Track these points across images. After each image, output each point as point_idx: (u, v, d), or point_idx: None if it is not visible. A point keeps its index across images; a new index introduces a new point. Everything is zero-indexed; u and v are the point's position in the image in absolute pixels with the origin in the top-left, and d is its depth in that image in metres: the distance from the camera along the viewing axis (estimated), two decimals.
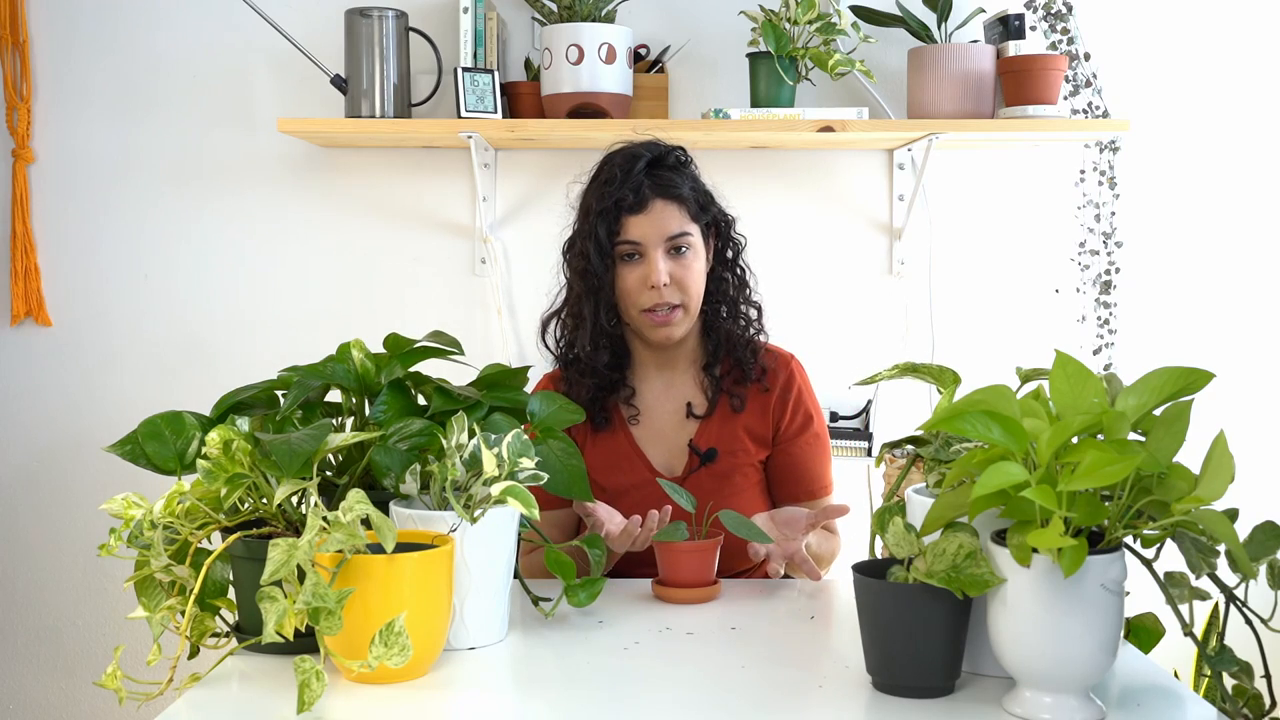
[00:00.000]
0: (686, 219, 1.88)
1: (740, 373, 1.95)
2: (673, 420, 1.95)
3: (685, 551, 1.61)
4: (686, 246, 1.88)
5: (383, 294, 2.70)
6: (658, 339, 1.90)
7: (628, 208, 1.86)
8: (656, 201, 1.87)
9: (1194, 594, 1.25)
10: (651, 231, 1.86)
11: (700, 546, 1.61)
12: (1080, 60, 2.58)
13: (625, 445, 1.93)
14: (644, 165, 1.88)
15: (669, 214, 1.87)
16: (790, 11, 2.46)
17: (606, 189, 1.87)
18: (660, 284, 1.84)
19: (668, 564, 1.62)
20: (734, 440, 1.92)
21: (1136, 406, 1.13)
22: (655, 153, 1.91)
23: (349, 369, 1.52)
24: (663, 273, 1.84)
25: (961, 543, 1.15)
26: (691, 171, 1.95)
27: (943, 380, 1.38)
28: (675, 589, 1.61)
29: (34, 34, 2.65)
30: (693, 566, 1.61)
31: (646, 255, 1.86)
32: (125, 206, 2.69)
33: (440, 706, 1.23)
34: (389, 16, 2.49)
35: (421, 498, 1.42)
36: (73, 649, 2.73)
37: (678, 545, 1.61)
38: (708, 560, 1.62)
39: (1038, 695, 1.14)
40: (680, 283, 1.87)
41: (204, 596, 1.36)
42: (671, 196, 1.88)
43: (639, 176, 1.87)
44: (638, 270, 1.87)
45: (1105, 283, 2.65)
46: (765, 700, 1.24)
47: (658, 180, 1.88)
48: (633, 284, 1.87)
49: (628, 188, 1.86)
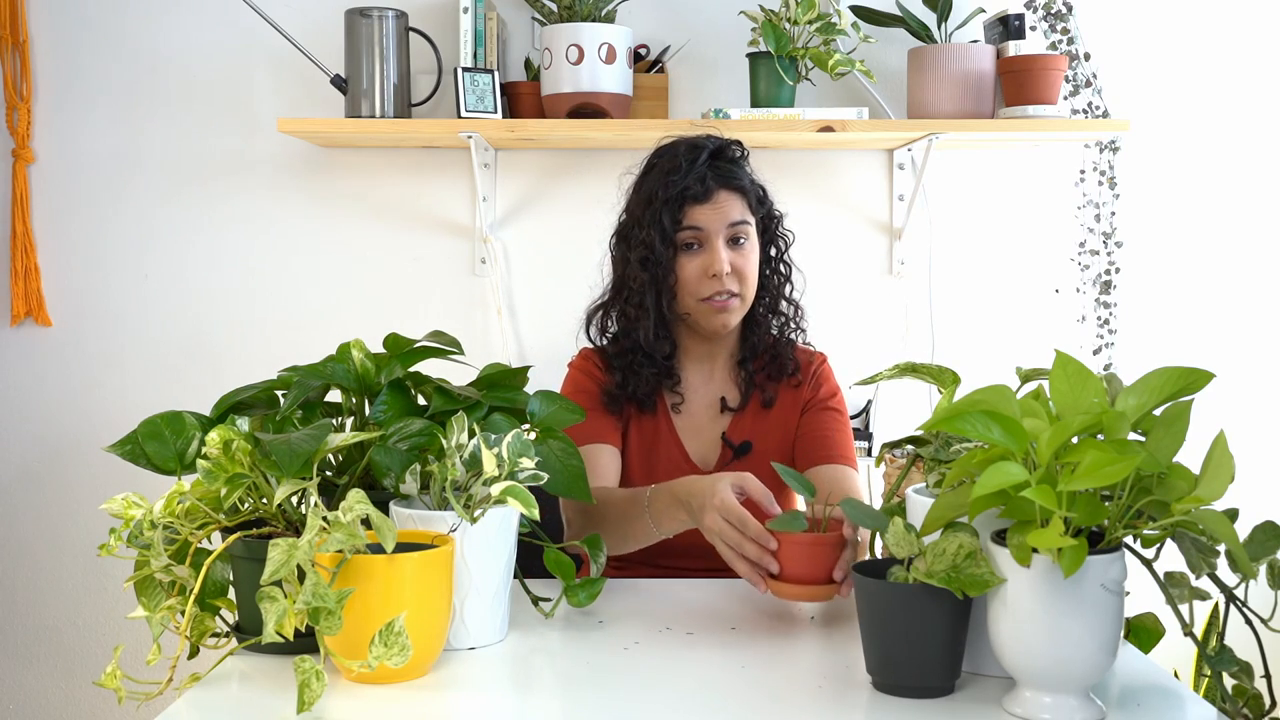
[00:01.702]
0: (746, 210, 1.91)
1: (775, 368, 1.96)
2: (708, 413, 1.96)
3: (804, 544, 1.43)
4: (745, 237, 1.90)
5: (383, 294, 2.70)
6: (714, 327, 1.90)
7: (693, 196, 1.87)
8: (720, 192, 1.89)
9: (1194, 594, 1.24)
10: (715, 220, 1.88)
11: (821, 540, 1.43)
12: (1080, 60, 2.57)
13: (666, 433, 1.93)
14: (707, 156, 1.90)
15: (732, 204, 1.89)
16: (790, 11, 2.46)
17: (671, 178, 1.88)
18: (722, 272, 1.86)
19: (785, 557, 1.44)
20: (766, 435, 1.94)
21: (1136, 406, 1.13)
22: (717, 144, 1.93)
23: (349, 369, 1.52)
24: (725, 261, 1.86)
25: (961, 543, 1.15)
26: (749, 164, 1.97)
27: (943, 380, 1.38)
28: (789, 585, 1.44)
29: (34, 34, 2.65)
30: (812, 560, 1.43)
31: (708, 244, 1.88)
32: (125, 206, 2.69)
33: (440, 706, 1.23)
34: (389, 16, 2.49)
35: (421, 498, 1.42)
36: (73, 649, 2.73)
37: (796, 537, 1.43)
38: (829, 556, 1.43)
39: (1038, 695, 1.14)
40: (739, 272, 1.88)
41: (204, 596, 1.36)
42: (734, 187, 1.90)
43: (703, 167, 1.89)
44: (699, 259, 1.88)
45: (1105, 283, 2.65)
46: (765, 700, 1.24)
47: (720, 171, 1.90)
48: (693, 273, 1.88)
49: (693, 177, 1.88)
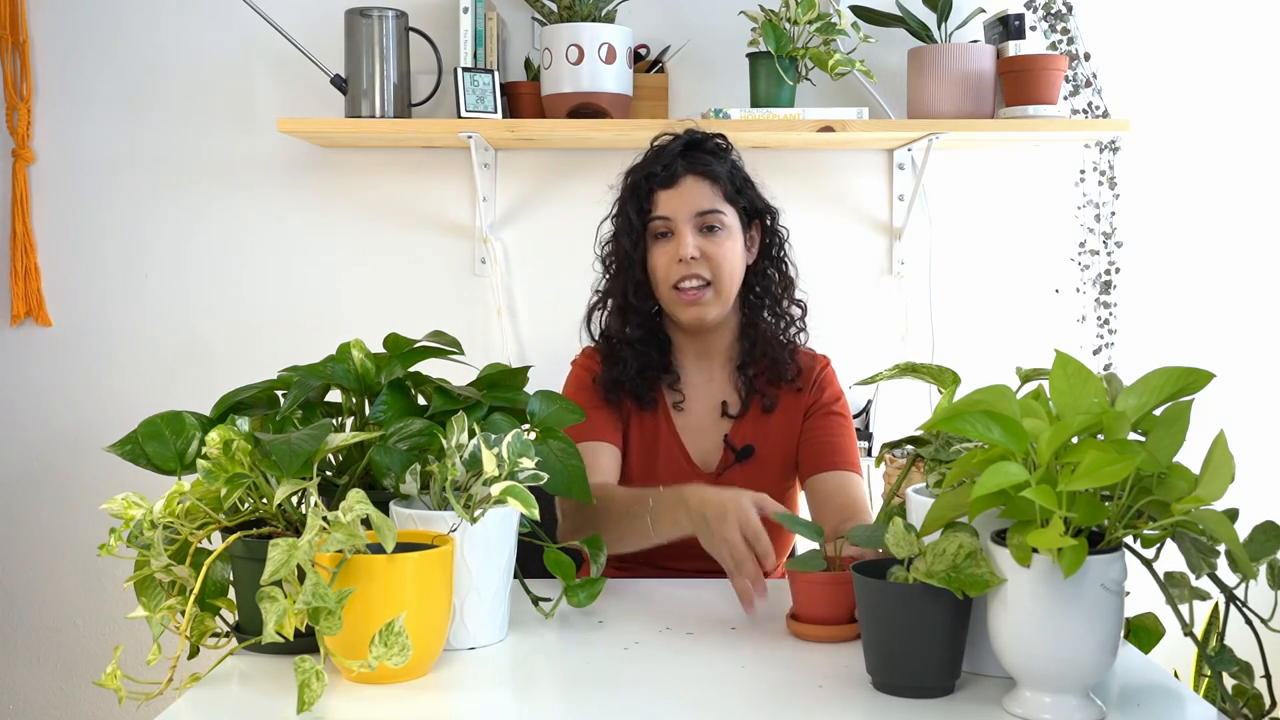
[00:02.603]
0: (719, 198, 1.86)
1: (775, 373, 1.92)
2: (710, 415, 1.93)
3: (822, 584, 1.42)
4: (719, 225, 1.85)
5: (383, 294, 2.70)
6: (688, 319, 1.87)
7: (659, 182, 1.85)
8: (688, 177, 1.86)
9: (1194, 594, 1.24)
10: (681, 207, 1.85)
11: (839, 579, 1.41)
12: (1080, 60, 2.57)
13: (666, 432, 1.91)
14: (680, 146, 1.88)
15: (699, 190, 1.85)
16: (790, 11, 2.46)
17: (639, 167, 1.88)
18: (688, 257, 1.82)
19: (804, 597, 1.44)
20: (767, 440, 1.91)
21: (1136, 406, 1.13)
22: (696, 136, 1.91)
23: (349, 369, 1.52)
24: (690, 246, 1.82)
25: (961, 543, 1.15)
26: (731, 157, 1.93)
27: (943, 380, 1.38)
28: (809, 625, 1.42)
29: (34, 34, 2.65)
30: (831, 600, 1.42)
31: (677, 231, 1.85)
32: (125, 206, 2.69)
33: (440, 706, 1.23)
34: (389, 16, 2.49)
35: (421, 498, 1.42)
36: (73, 649, 2.73)
37: (814, 576, 1.42)
38: (848, 595, 1.41)
39: (1038, 695, 1.14)
40: (711, 258, 1.84)
41: (204, 596, 1.36)
42: (703, 173, 1.86)
43: (672, 154, 1.87)
44: (668, 247, 1.86)
45: (1105, 283, 2.65)
46: (765, 700, 1.24)
47: (690, 159, 1.87)
48: (663, 260, 1.86)
49: (660, 163, 1.86)
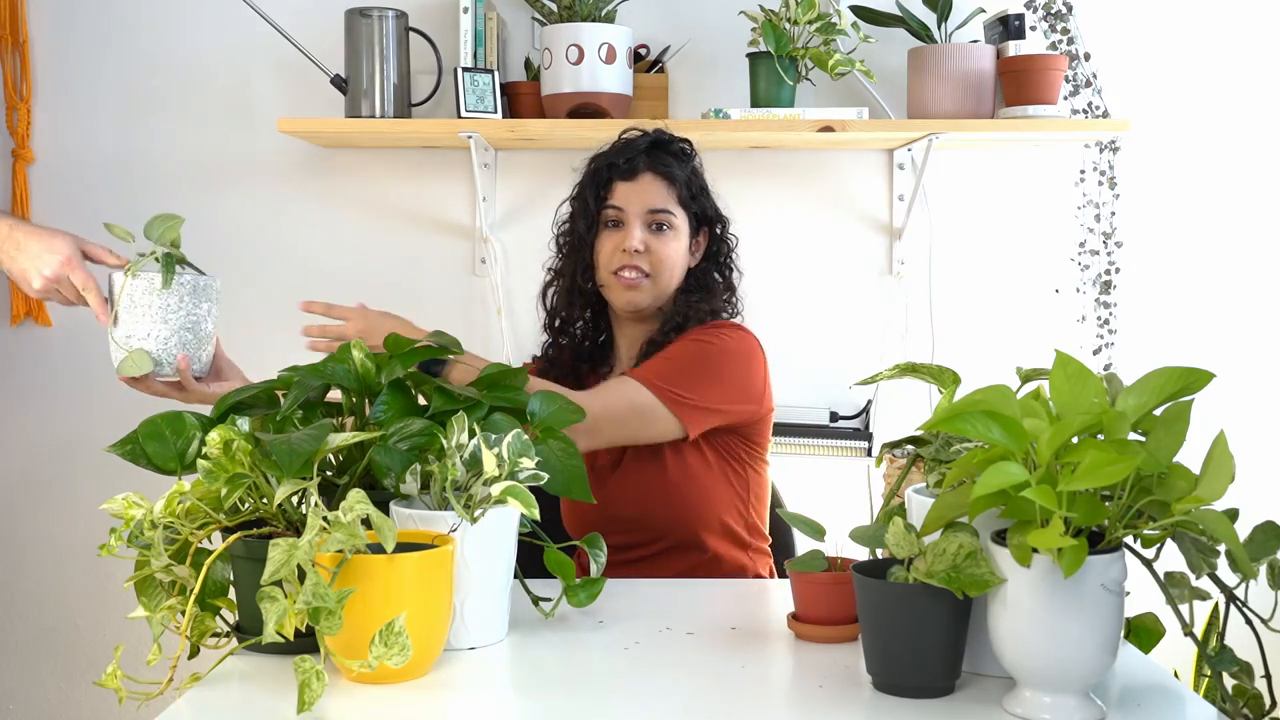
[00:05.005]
0: (672, 200, 1.93)
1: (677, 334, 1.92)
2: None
3: (824, 584, 1.41)
4: (668, 225, 1.92)
5: (383, 294, 2.69)
6: (622, 302, 1.93)
7: (619, 173, 1.92)
8: (646, 174, 1.92)
9: (1194, 594, 1.24)
10: (635, 201, 1.91)
11: (842, 579, 1.40)
12: (1080, 60, 2.57)
13: None
14: (647, 143, 1.94)
15: (655, 188, 1.92)
16: (790, 11, 2.46)
17: (603, 155, 1.95)
18: (632, 248, 1.88)
19: (805, 598, 1.43)
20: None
21: (1136, 406, 1.13)
22: (661, 136, 1.97)
23: (349, 369, 1.52)
24: (637, 239, 1.89)
25: (961, 543, 1.15)
26: (693, 164, 1.98)
27: (943, 380, 1.38)
28: (811, 626, 1.41)
29: (34, 34, 2.65)
30: (830, 600, 1.40)
31: (627, 223, 1.91)
32: (125, 206, 2.68)
33: (440, 706, 1.23)
34: (389, 16, 2.49)
35: (421, 498, 1.42)
36: (73, 649, 2.73)
37: (816, 576, 1.41)
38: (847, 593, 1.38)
39: (1038, 695, 1.14)
40: (654, 254, 1.90)
41: (204, 596, 1.36)
42: (662, 173, 1.93)
43: (637, 149, 1.93)
44: (616, 236, 1.92)
45: (1105, 283, 2.65)
46: (765, 700, 1.24)
47: (654, 156, 1.93)
48: (608, 247, 1.92)
49: (623, 155, 1.92)
